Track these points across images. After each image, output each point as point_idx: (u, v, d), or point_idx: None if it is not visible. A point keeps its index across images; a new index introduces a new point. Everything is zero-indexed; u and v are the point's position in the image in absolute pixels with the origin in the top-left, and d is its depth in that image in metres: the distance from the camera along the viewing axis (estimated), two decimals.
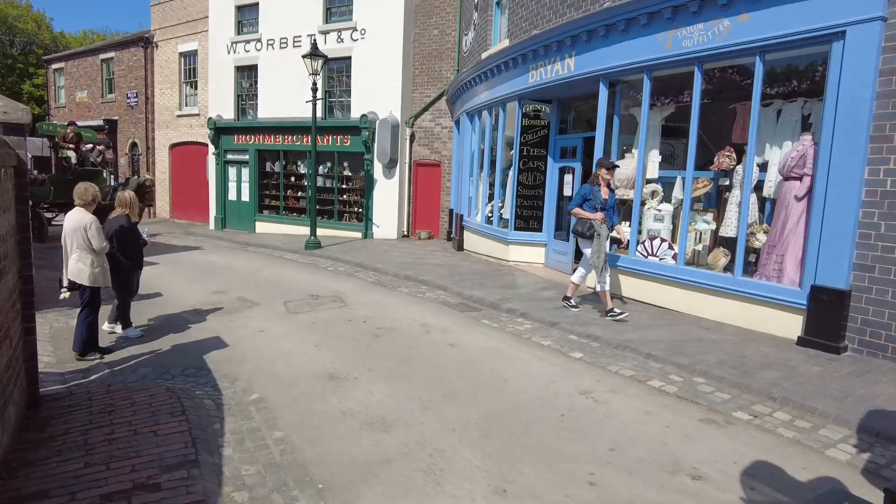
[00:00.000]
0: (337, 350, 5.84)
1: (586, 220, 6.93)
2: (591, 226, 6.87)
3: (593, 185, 7.01)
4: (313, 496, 3.19)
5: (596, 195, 6.94)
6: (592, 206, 6.94)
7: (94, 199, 5.65)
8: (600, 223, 6.85)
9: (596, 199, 6.93)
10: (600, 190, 7.00)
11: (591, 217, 6.89)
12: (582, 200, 7.04)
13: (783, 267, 6.19)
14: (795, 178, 6.09)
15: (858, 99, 5.37)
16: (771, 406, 4.46)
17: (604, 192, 7.03)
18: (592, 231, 6.86)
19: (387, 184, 15.83)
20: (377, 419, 4.20)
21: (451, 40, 15.16)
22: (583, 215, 6.99)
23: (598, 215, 6.89)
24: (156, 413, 4.10)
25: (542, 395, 4.69)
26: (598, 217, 6.87)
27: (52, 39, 39.88)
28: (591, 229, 6.86)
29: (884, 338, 5.34)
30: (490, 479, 3.38)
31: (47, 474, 3.25)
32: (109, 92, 24.27)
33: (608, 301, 6.92)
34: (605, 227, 6.92)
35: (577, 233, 7.07)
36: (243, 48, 17.93)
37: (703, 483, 3.35)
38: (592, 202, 6.94)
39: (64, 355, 5.63)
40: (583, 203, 7.01)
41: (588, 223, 6.91)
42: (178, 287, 9.02)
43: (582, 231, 6.98)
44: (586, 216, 6.94)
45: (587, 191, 7.01)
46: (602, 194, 6.98)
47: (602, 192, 7.00)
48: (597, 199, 6.93)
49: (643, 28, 7.32)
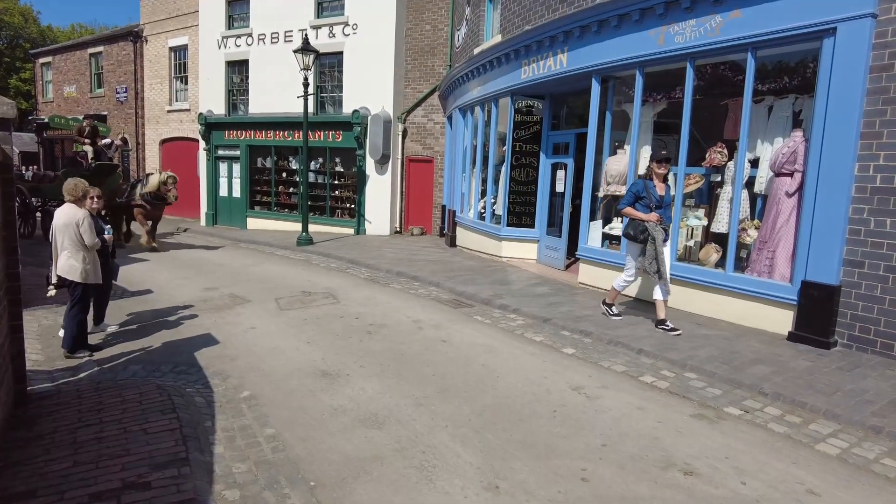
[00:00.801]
0: (329, 347, 5.82)
1: (639, 221, 6.19)
2: (644, 228, 6.11)
3: (647, 181, 6.29)
4: (305, 494, 3.17)
5: (651, 192, 6.17)
6: (646, 204, 6.19)
7: (84, 194, 5.58)
8: (655, 225, 6.08)
9: (651, 197, 6.16)
10: (655, 186, 6.23)
11: (645, 218, 6.13)
12: (634, 199, 6.29)
13: (774, 263, 6.22)
14: (786, 174, 6.12)
15: (848, 95, 5.39)
16: (762, 401, 4.48)
17: (659, 188, 6.25)
18: (646, 234, 6.08)
19: (379, 179, 15.77)
20: (369, 416, 4.19)
21: (443, 35, 15.10)
22: (635, 216, 6.23)
23: (653, 216, 6.12)
24: (146, 411, 4.07)
25: (534, 390, 4.69)
26: (652, 218, 6.10)
27: (40, 33, 39.44)
28: (645, 232, 6.09)
29: (873, 333, 5.39)
30: (482, 475, 3.38)
31: (35, 473, 3.21)
32: (98, 87, 24.01)
33: (663, 311, 6.26)
34: (661, 230, 6.11)
35: (630, 237, 6.29)
36: (234, 43, 17.78)
37: (695, 478, 3.36)
38: (646, 200, 6.18)
39: (52, 353, 5.57)
40: (635, 202, 6.27)
41: (641, 225, 6.14)
42: (168, 284, 8.96)
43: (635, 234, 6.19)
44: (639, 217, 6.19)
45: (640, 187, 6.26)
46: (658, 191, 6.22)
47: (658, 189, 6.24)
48: (651, 197, 6.16)
49: (635, 24, 7.32)
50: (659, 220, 6.12)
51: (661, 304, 6.25)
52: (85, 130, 13.83)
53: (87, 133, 13.78)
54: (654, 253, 6.05)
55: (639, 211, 6.23)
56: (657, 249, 6.04)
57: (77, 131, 13.95)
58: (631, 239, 6.30)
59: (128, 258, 11.42)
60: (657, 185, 6.26)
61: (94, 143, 13.85)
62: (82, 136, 13.73)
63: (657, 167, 6.27)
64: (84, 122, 14.21)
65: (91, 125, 14.02)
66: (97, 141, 14.05)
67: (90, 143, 13.67)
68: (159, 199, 12.31)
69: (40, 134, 26.81)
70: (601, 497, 3.16)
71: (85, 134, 13.74)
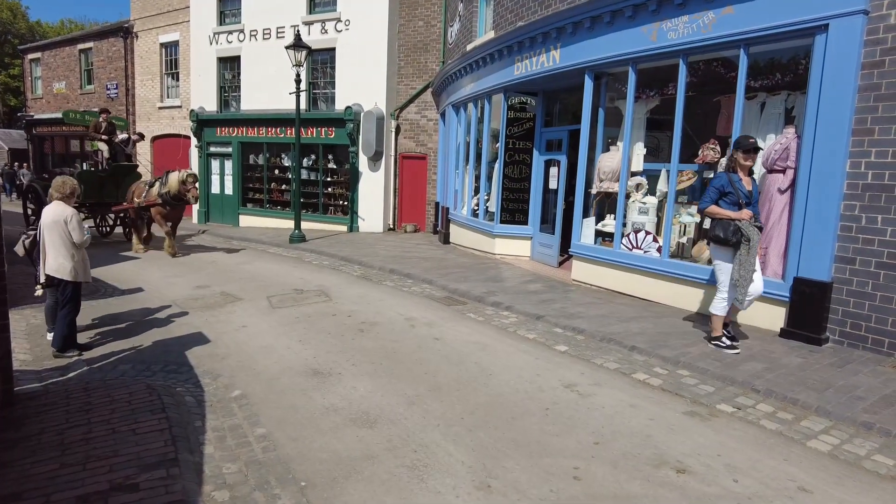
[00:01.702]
0: (321, 345, 5.79)
1: (729, 220, 5.23)
2: (736, 229, 5.16)
3: (731, 174, 5.39)
4: (295, 494, 3.15)
5: (737, 187, 5.29)
6: (734, 200, 5.28)
7: (73, 192, 5.52)
8: (749, 224, 5.16)
9: (738, 192, 5.27)
10: (741, 180, 5.37)
11: (736, 216, 5.20)
12: (718, 195, 5.37)
13: (766, 259, 6.23)
14: (779, 170, 6.12)
15: (840, 92, 5.40)
16: (754, 398, 4.49)
17: (746, 182, 5.39)
18: (739, 236, 5.15)
19: (372, 176, 15.72)
20: (361, 415, 4.16)
21: (436, 32, 15.04)
22: (722, 214, 5.28)
23: (745, 213, 5.21)
24: (135, 411, 4.03)
25: (526, 388, 4.68)
26: (744, 216, 5.19)
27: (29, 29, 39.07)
28: (738, 233, 5.14)
29: (864, 329, 5.41)
30: (474, 474, 3.36)
31: (21, 475, 3.17)
32: (88, 83, 23.79)
33: (720, 325, 5.54)
34: (755, 229, 5.17)
35: (719, 240, 5.26)
36: (226, 39, 17.65)
37: (688, 476, 3.36)
38: (734, 196, 5.28)
39: (41, 352, 5.51)
40: (719, 198, 5.37)
41: (732, 226, 5.18)
42: (159, 282, 8.89)
43: (726, 237, 5.20)
44: (727, 215, 5.25)
45: (724, 181, 5.35)
46: (745, 185, 5.36)
47: (745, 183, 5.38)
48: (739, 192, 5.27)
49: (628, 20, 7.30)
50: (752, 217, 5.24)
51: (718, 317, 5.50)
52: (102, 126, 12.90)
53: (104, 129, 12.87)
54: (748, 259, 5.13)
55: (725, 209, 5.32)
56: (750, 252, 5.12)
57: (93, 127, 13.02)
58: (721, 243, 5.29)
59: (119, 256, 11.34)
60: (743, 179, 5.39)
61: (111, 139, 12.95)
62: (99, 133, 12.82)
63: (744, 158, 5.34)
64: (101, 116, 13.20)
65: (108, 119, 13.13)
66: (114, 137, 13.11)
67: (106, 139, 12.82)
68: (178, 199, 11.20)
69: (30, 131, 26.64)
70: (594, 496, 3.15)
71: (102, 130, 12.84)
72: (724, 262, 5.36)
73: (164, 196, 11.15)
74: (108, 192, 12.83)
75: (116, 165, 12.80)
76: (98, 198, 12.74)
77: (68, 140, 25.57)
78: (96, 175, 12.84)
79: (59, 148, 26.10)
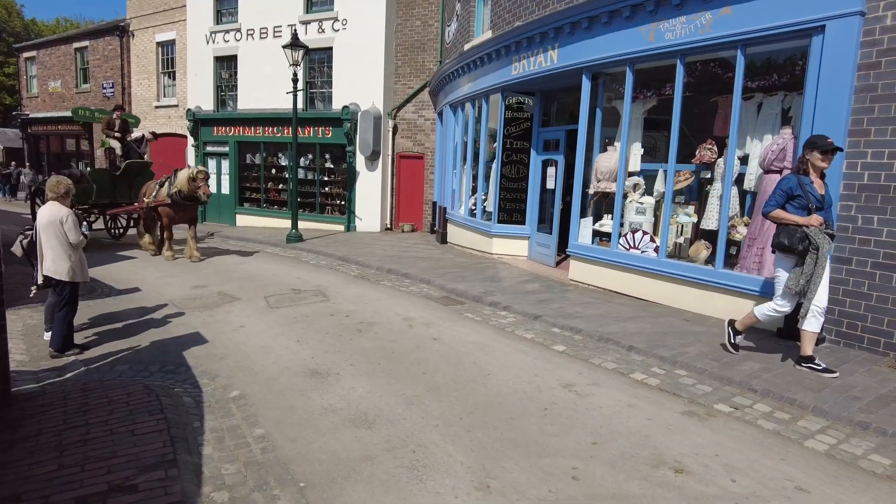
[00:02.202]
0: (319, 345, 5.79)
1: (796, 227, 4.78)
2: (803, 236, 4.71)
3: (801, 176, 4.92)
4: (295, 495, 3.15)
5: (808, 190, 4.82)
6: (803, 205, 4.82)
7: (68, 191, 5.50)
8: (819, 231, 4.69)
9: (808, 196, 4.80)
10: (812, 182, 4.89)
11: (805, 222, 4.74)
12: (785, 198, 4.91)
13: (763, 259, 6.25)
14: (776, 171, 6.14)
15: (837, 93, 5.42)
16: (751, 398, 4.51)
17: (818, 184, 4.91)
18: (807, 244, 4.69)
19: (369, 176, 15.70)
20: (359, 415, 4.16)
21: (433, 31, 15.04)
22: (789, 220, 4.83)
23: (815, 218, 4.73)
24: (133, 412, 4.03)
25: (525, 388, 4.69)
26: (813, 222, 4.72)
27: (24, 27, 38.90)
28: (805, 241, 4.70)
29: (860, 329, 5.43)
30: (473, 474, 3.37)
31: (19, 477, 3.16)
32: (84, 82, 23.70)
33: (811, 345, 4.95)
34: (827, 236, 4.71)
35: (784, 247, 4.83)
36: (223, 38, 17.60)
37: (686, 476, 3.37)
38: (802, 200, 4.82)
39: (38, 353, 5.49)
40: (786, 202, 4.92)
41: (799, 232, 4.73)
42: (157, 282, 8.87)
43: (791, 244, 4.76)
44: (794, 221, 4.79)
45: (793, 184, 4.88)
46: (817, 189, 4.88)
47: (816, 186, 4.89)
48: (810, 196, 4.80)
49: (626, 20, 7.31)
50: (823, 223, 4.75)
51: (809, 336, 4.93)
52: (115, 124, 12.52)
53: (117, 127, 12.51)
54: (813, 267, 4.68)
55: (793, 214, 4.86)
56: (817, 262, 4.66)
57: (106, 124, 12.70)
58: (785, 250, 4.84)
59: (116, 256, 11.30)
60: (815, 182, 4.90)
61: (124, 137, 12.56)
62: (112, 130, 12.46)
63: (821, 159, 4.84)
64: (114, 113, 12.84)
65: (121, 117, 12.73)
66: (127, 135, 12.73)
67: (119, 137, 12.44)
68: (190, 198, 10.49)
69: (25, 130, 26.53)
70: (592, 496, 3.16)
71: (115, 128, 12.48)
72: (786, 269, 4.92)
73: (174, 196, 10.50)
74: (121, 192, 12.51)
75: (129, 163, 12.36)
76: (111, 198, 12.43)
77: (64, 139, 25.49)
78: (109, 174, 12.49)
79: (55, 147, 26.02)
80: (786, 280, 4.87)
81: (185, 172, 10.55)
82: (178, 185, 10.47)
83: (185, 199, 10.51)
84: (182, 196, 10.46)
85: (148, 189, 11.48)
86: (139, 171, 12.66)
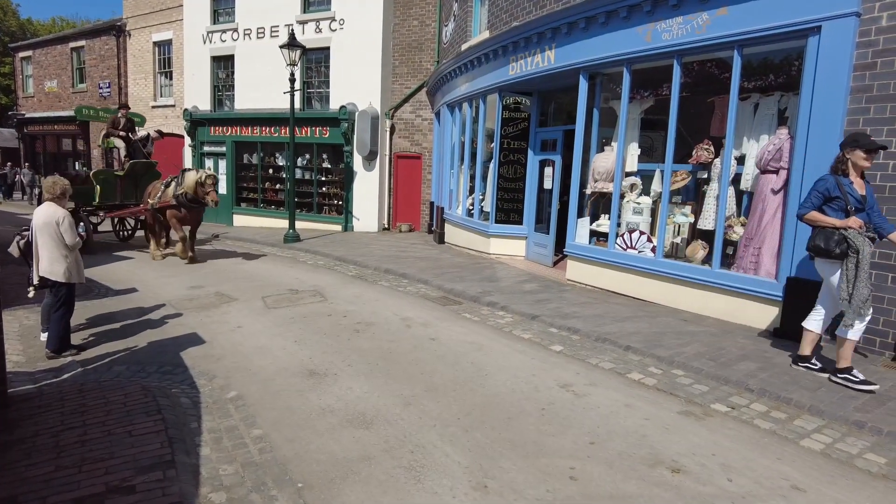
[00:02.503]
0: (316, 345, 5.78)
1: (833, 229, 4.55)
2: (841, 239, 4.47)
3: (839, 176, 4.65)
4: (292, 495, 3.15)
5: (847, 190, 4.56)
6: (841, 206, 4.58)
7: (64, 192, 5.49)
8: (858, 233, 4.43)
9: (847, 197, 4.54)
10: (852, 183, 4.62)
11: (842, 224, 4.51)
12: (822, 200, 4.68)
13: (760, 259, 6.27)
14: (772, 171, 6.17)
15: (833, 94, 5.44)
16: (748, 397, 4.52)
17: (858, 184, 4.63)
18: (844, 247, 4.45)
19: (367, 176, 15.70)
20: (357, 415, 4.16)
21: (431, 31, 15.04)
22: (826, 222, 4.61)
23: (853, 220, 4.48)
24: (130, 413, 4.02)
25: (522, 388, 4.70)
26: (852, 224, 4.46)
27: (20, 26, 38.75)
28: (843, 244, 4.45)
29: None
30: (471, 474, 3.37)
31: (16, 478, 3.16)
32: (80, 82, 23.64)
33: (849, 355, 4.61)
34: (867, 239, 4.44)
35: (820, 251, 4.59)
36: (220, 38, 17.57)
37: (682, 476, 3.38)
38: (840, 202, 4.58)
39: (35, 354, 5.48)
40: (823, 203, 4.69)
41: (837, 235, 4.50)
42: (154, 282, 8.85)
43: (828, 247, 4.52)
44: (831, 223, 4.58)
45: (830, 184, 4.63)
46: (857, 189, 4.61)
47: (856, 187, 4.62)
48: (848, 197, 4.54)
49: (623, 21, 7.33)
50: (863, 226, 4.49)
51: (848, 344, 4.57)
52: (121, 122, 12.20)
53: (122, 125, 12.19)
54: (854, 272, 4.41)
55: (830, 216, 4.62)
56: (858, 267, 4.39)
57: (111, 123, 12.32)
58: (822, 254, 4.61)
59: (112, 256, 11.28)
60: (855, 182, 4.63)
61: (129, 136, 12.26)
62: (117, 129, 12.14)
63: (864, 158, 4.57)
64: (119, 112, 12.47)
65: (126, 115, 12.40)
66: (132, 134, 12.41)
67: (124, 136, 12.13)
68: (196, 201, 10.27)
69: (21, 130, 26.45)
70: (589, 496, 3.17)
71: (121, 126, 12.17)
72: (829, 277, 4.69)
73: (179, 197, 10.19)
74: (127, 193, 12.26)
75: (133, 163, 12.01)
76: (116, 199, 12.16)
77: (60, 139, 25.43)
78: (114, 175, 12.16)
79: (51, 147, 25.96)
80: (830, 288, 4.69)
81: (194, 175, 10.24)
82: (185, 187, 10.18)
83: (192, 202, 10.26)
84: (188, 198, 10.21)
85: (153, 189, 11.12)
86: (144, 171, 12.38)
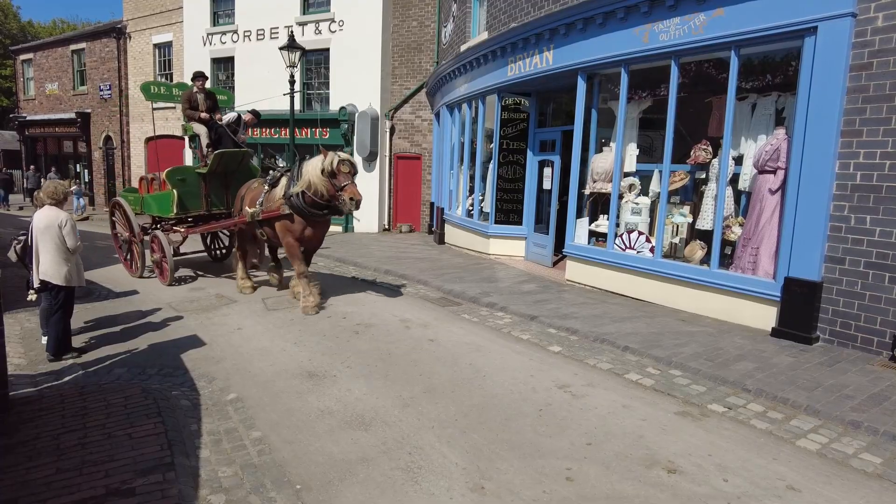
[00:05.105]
0: (316, 347, 5.81)
1: None
2: None
3: None
4: (291, 497, 3.17)
5: None
6: None
7: (66, 196, 5.52)
8: None
9: None
10: None
11: None
12: None
13: (758, 259, 6.29)
14: (769, 171, 6.18)
15: (829, 94, 5.46)
16: (745, 397, 4.54)
17: None
18: None
19: (367, 177, 15.70)
20: (356, 417, 4.19)
21: (430, 32, 15.06)
22: None
23: None
24: (130, 415, 4.05)
25: (520, 389, 4.71)
26: None
27: (20, 29, 38.84)
28: None
29: (853, 328, 5.47)
30: (468, 475, 3.39)
31: (17, 481, 3.18)
32: (81, 84, 23.68)
33: None
34: None
35: None
36: (219, 40, 17.61)
37: (679, 476, 3.40)
38: None
39: (35, 356, 5.51)
40: None
41: None
42: (154, 284, 8.87)
43: None
44: None
45: None
46: None
47: None
48: None
49: (620, 22, 7.34)
50: None
51: None
52: (197, 100, 8.91)
53: (202, 104, 8.94)
54: None
55: None
56: None
57: (186, 101, 8.91)
58: None
59: (112, 258, 11.29)
60: None
61: (211, 118, 8.93)
62: (196, 110, 8.86)
63: None
64: (194, 86, 9.00)
65: (203, 88, 8.99)
66: (216, 115, 9.10)
67: (206, 118, 8.86)
68: (323, 206, 6.92)
69: (22, 132, 26.49)
70: (586, 497, 3.19)
71: (200, 106, 8.92)
72: None
73: (294, 201, 6.92)
74: (215, 199, 9.20)
75: (220, 154, 8.64)
76: (201, 207, 9.11)
77: (61, 141, 25.48)
78: (195, 173, 9.06)
79: (52, 149, 26.01)
80: None
81: (318, 163, 6.74)
82: (307, 183, 6.80)
83: (315, 207, 6.91)
84: (310, 203, 6.87)
85: (250, 193, 7.90)
86: (236, 165, 9.08)
